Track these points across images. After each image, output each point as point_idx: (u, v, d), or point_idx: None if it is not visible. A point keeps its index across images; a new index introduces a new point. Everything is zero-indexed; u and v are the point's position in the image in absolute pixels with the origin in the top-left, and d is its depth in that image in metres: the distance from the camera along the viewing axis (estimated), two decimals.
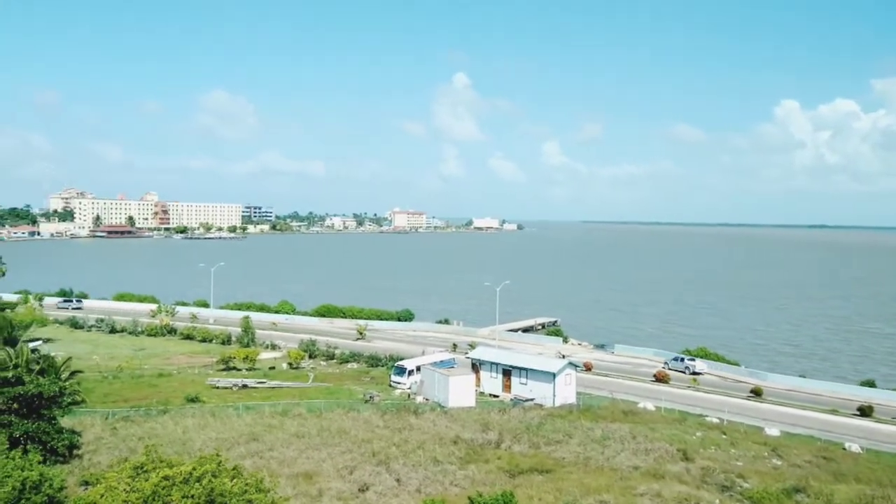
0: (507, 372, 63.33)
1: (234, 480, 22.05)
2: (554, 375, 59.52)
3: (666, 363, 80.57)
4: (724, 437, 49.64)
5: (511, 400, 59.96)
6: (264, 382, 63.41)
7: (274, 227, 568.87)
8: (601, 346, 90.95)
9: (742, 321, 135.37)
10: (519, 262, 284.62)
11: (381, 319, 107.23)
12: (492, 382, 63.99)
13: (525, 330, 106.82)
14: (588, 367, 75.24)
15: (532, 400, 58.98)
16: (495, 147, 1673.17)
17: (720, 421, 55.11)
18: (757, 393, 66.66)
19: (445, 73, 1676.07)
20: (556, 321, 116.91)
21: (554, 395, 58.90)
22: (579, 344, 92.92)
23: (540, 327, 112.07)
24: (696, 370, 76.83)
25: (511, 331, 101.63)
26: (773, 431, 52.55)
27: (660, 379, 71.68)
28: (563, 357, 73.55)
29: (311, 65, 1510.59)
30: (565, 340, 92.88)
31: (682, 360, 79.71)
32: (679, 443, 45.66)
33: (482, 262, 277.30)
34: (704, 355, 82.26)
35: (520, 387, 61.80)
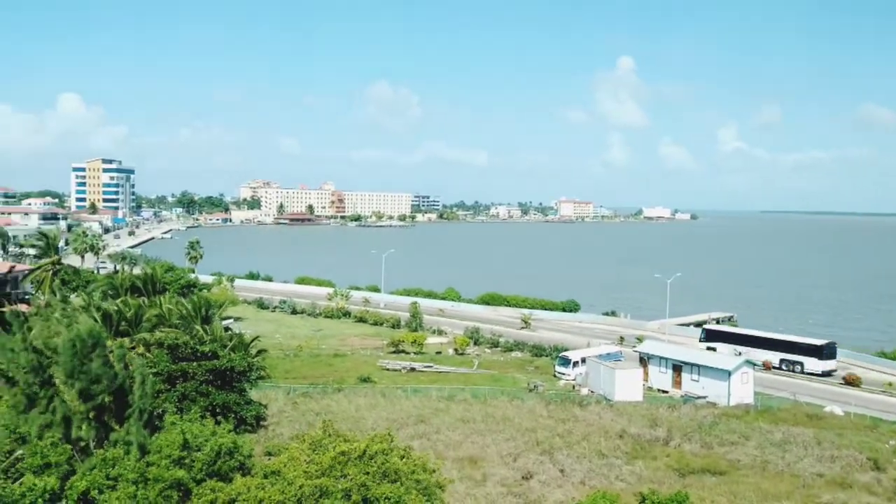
0: (677, 367, 61.18)
1: (404, 460, 22.96)
2: (729, 373, 56.80)
3: None
4: None
5: (681, 397, 57.91)
6: (431, 366, 65.43)
7: (441, 216, 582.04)
8: None
9: None
10: (691, 254, 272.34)
11: (546, 309, 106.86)
12: (660, 378, 62.10)
13: (697, 325, 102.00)
14: (767, 367, 71.09)
15: (704, 398, 56.63)
16: (663, 133, 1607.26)
17: None
18: None
19: (608, 57, 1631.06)
20: (732, 316, 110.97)
21: (729, 394, 56.20)
22: None
23: (714, 322, 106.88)
24: None
25: (682, 325, 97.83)
26: None
27: (849, 382, 66.26)
28: (740, 354, 69.92)
29: (469, 53, 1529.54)
30: None
31: None
32: (870, 451, 41.96)
33: (652, 253, 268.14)
34: None
35: (691, 383, 59.50)
